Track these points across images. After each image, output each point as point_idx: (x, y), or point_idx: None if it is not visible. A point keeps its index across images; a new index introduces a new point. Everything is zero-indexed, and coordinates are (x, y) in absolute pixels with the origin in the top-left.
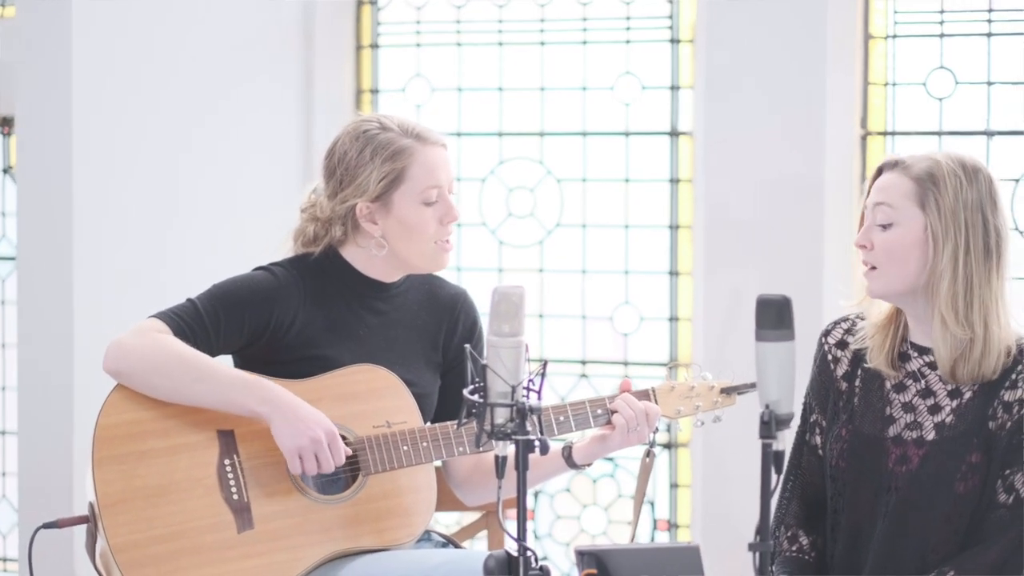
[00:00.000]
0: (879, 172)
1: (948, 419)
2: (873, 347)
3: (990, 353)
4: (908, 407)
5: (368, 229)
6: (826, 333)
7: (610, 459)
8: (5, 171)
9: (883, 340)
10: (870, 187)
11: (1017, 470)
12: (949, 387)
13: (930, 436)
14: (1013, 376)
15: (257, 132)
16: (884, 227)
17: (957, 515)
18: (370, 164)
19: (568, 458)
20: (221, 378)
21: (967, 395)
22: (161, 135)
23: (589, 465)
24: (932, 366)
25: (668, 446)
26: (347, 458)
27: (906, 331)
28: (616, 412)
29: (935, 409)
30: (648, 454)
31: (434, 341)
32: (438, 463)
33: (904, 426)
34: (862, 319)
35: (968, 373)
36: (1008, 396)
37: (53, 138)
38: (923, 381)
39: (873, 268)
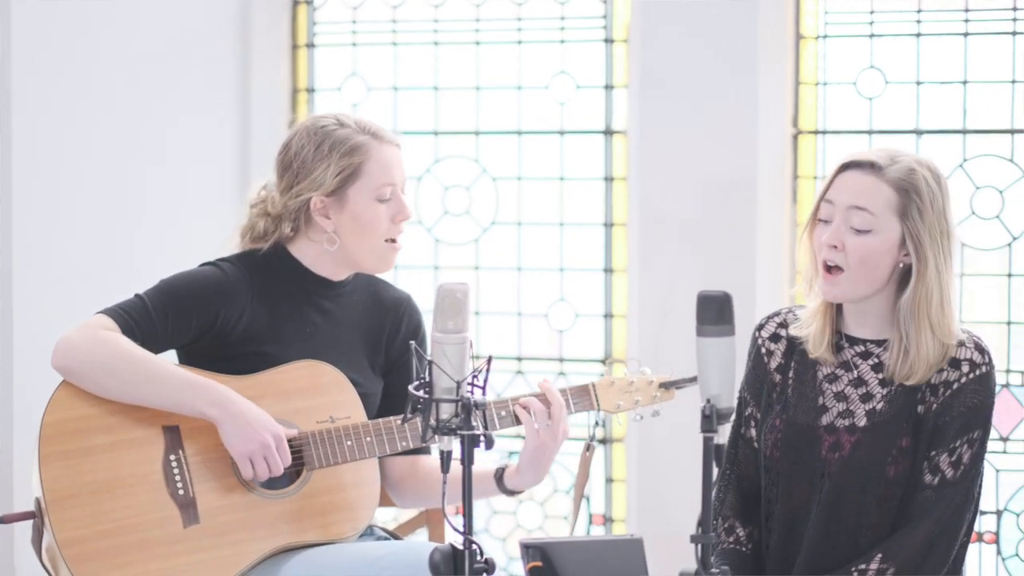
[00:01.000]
0: (845, 168)
1: (879, 406)
2: (814, 334)
3: (948, 368)
4: (840, 396)
5: (321, 223)
6: (759, 327)
7: None
8: None
9: (822, 326)
10: (832, 182)
11: (942, 451)
12: (880, 376)
13: (862, 423)
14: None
15: (195, 130)
16: (860, 232)
17: (888, 498)
18: (327, 159)
19: (500, 480)
20: (170, 379)
21: (898, 383)
22: (101, 133)
23: (522, 491)
24: (864, 356)
25: (603, 441)
26: (291, 453)
27: (839, 322)
28: (525, 412)
29: (867, 397)
30: (588, 447)
31: (377, 342)
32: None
33: (837, 414)
34: (794, 313)
35: (928, 375)
36: (934, 379)
37: None
38: (855, 371)
39: (838, 270)
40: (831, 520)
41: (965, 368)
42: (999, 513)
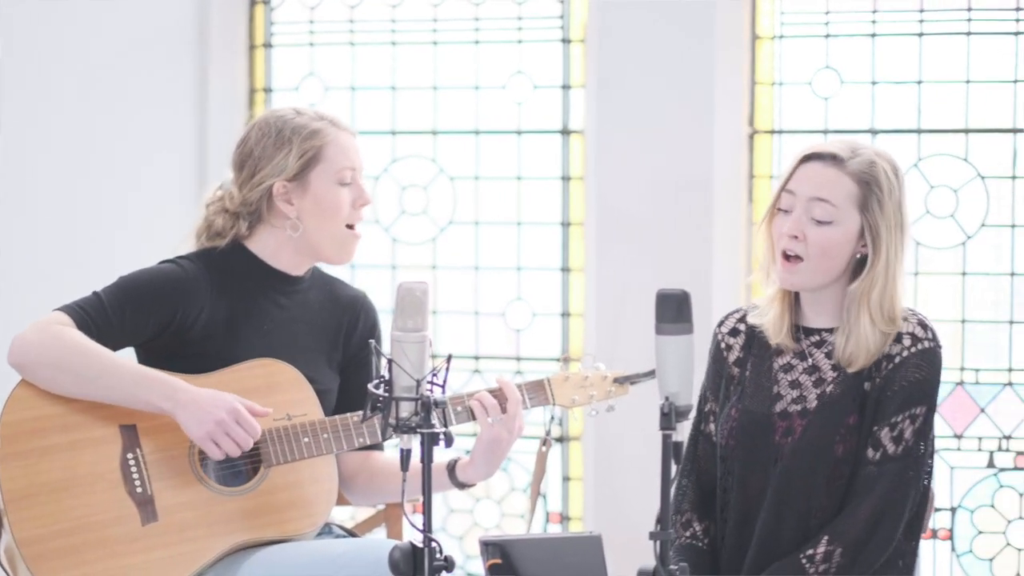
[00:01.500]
0: (807, 159)
1: (830, 388)
2: (772, 322)
3: (891, 342)
4: (795, 384)
5: (284, 210)
6: (720, 324)
7: None
8: None
9: (780, 312)
10: (794, 172)
11: (884, 425)
12: (833, 362)
13: (813, 406)
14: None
15: (153, 129)
16: (821, 223)
17: (837, 478)
18: (288, 144)
19: (452, 473)
20: (124, 374)
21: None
22: (59, 132)
23: (473, 485)
24: (818, 344)
25: (560, 440)
26: (250, 450)
27: (797, 315)
28: (478, 406)
29: (820, 382)
30: (544, 443)
31: (334, 340)
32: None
33: (790, 401)
34: (755, 306)
35: (870, 361)
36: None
37: None
38: (810, 359)
39: (797, 259)
40: (782, 503)
41: (907, 342)
42: (953, 510)
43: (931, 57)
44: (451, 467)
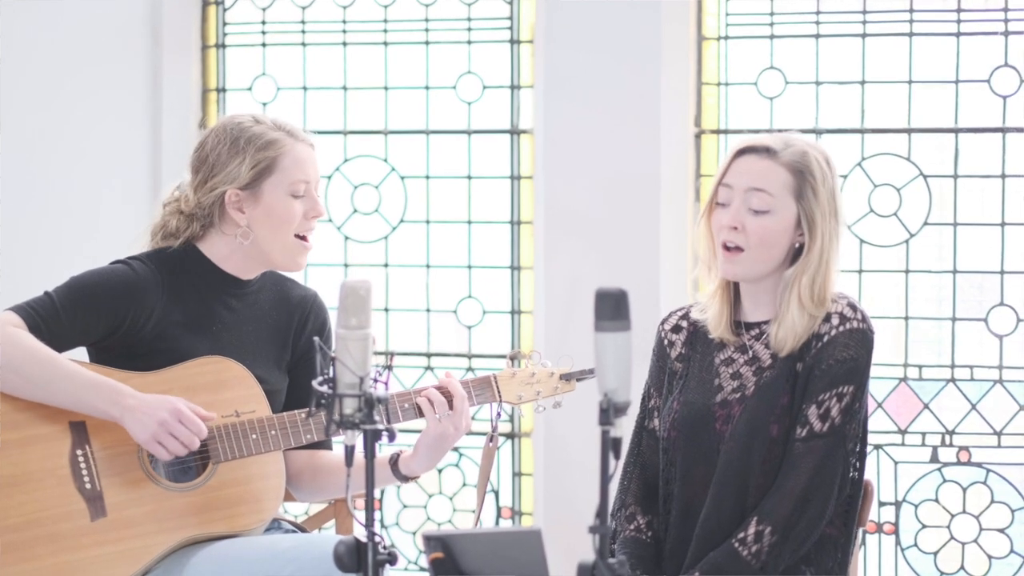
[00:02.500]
0: (741, 153)
1: (767, 373)
2: (713, 316)
3: (820, 323)
4: (736, 375)
5: (235, 217)
6: (663, 321)
7: (454, 449)
8: None
9: (720, 309)
10: (729, 166)
11: (811, 403)
12: (771, 351)
13: (751, 391)
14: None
15: (106, 129)
16: (759, 212)
17: (772, 458)
18: (243, 152)
19: (394, 467)
20: (74, 379)
21: (785, 352)
22: (10, 132)
23: (416, 478)
24: (758, 337)
25: (511, 436)
26: (199, 447)
27: (737, 310)
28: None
29: (758, 371)
30: (491, 439)
31: (284, 339)
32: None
33: (731, 391)
34: (698, 303)
35: (800, 344)
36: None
37: None
38: (750, 351)
39: (738, 250)
40: (721, 486)
41: (835, 321)
42: (898, 504)
43: (874, 58)
44: (394, 460)
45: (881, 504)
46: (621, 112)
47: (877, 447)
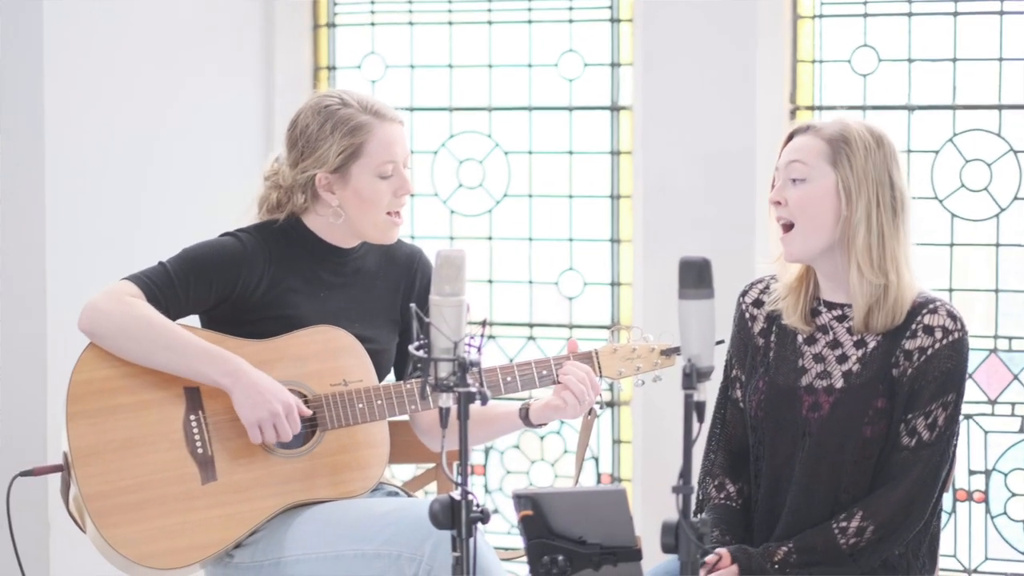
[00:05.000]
0: (790, 137)
1: (854, 367)
2: (787, 307)
3: (902, 298)
4: (818, 358)
5: (326, 199)
6: (743, 293)
7: None
8: None
9: (796, 300)
10: (780, 152)
11: (919, 414)
12: (855, 338)
13: (839, 384)
14: (913, 326)
15: (222, 106)
16: (796, 181)
17: (865, 458)
18: (330, 138)
19: (525, 417)
20: (188, 347)
21: (871, 345)
22: (129, 107)
23: (544, 424)
24: (840, 319)
25: (611, 404)
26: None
27: (816, 289)
28: (566, 388)
29: (843, 359)
30: (590, 412)
31: (393, 299)
32: (396, 419)
33: (815, 375)
34: (775, 280)
35: (882, 320)
36: (908, 345)
37: (25, 111)
38: (831, 333)
39: (790, 227)
40: (811, 477)
41: (938, 335)
42: (988, 473)
43: (965, 35)
44: (524, 412)
45: (971, 473)
46: (718, 89)
47: (967, 417)
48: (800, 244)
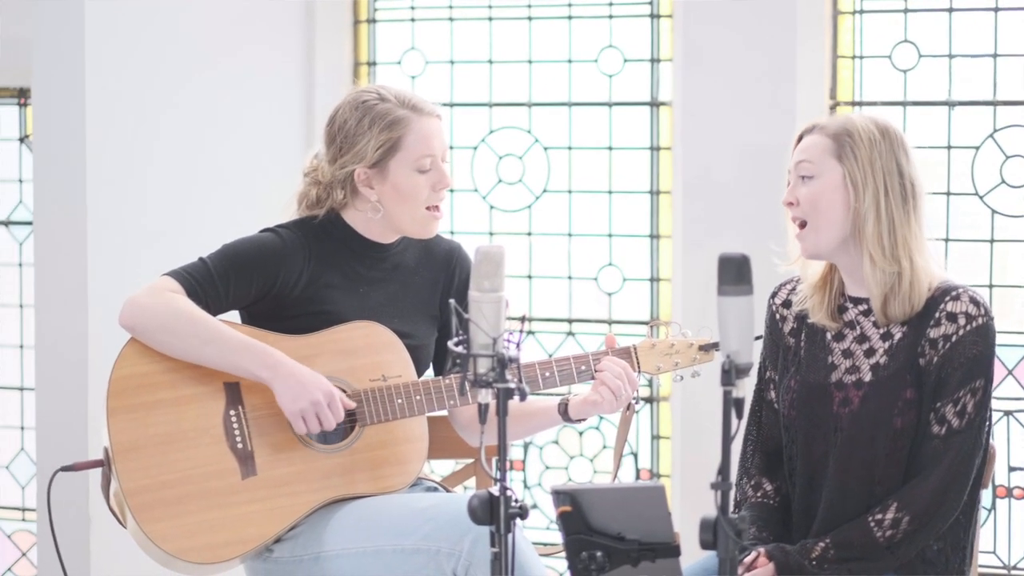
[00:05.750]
0: (799, 139)
1: (882, 360)
2: (813, 306)
3: (918, 284)
4: (847, 353)
5: (365, 194)
6: (773, 295)
7: None
8: (22, 140)
9: (821, 299)
10: (792, 154)
11: (947, 401)
12: (881, 331)
13: (867, 378)
14: (936, 315)
15: (263, 103)
16: (805, 179)
17: (897, 450)
18: (368, 132)
19: (564, 413)
20: (228, 341)
21: (897, 336)
22: (171, 103)
23: (583, 420)
24: (865, 313)
25: (650, 400)
26: (345, 410)
27: (841, 286)
28: (603, 383)
29: (870, 352)
30: (628, 407)
31: (431, 295)
32: (435, 414)
33: (844, 371)
34: (798, 288)
35: (900, 308)
36: (933, 333)
37: (67, 108)
38: (858, 328)
39: (803, 225)
40: (845, 472)
41: (962, 321)
42: None
43: (1006, 30)
44: (563, 408)
45: (1011, 470)
46: (757, 84)
47: (1007, 413)
48: (814, 239)
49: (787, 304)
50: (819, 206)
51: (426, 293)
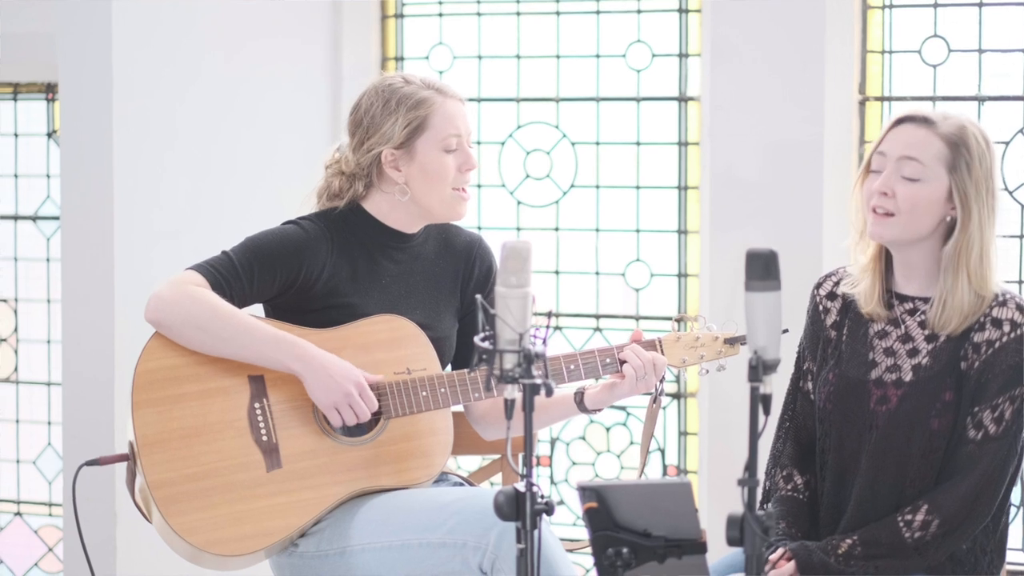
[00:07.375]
0: (899, 122)
1: (925, 361)
2: (863, 292)
3: (984, 304)
4: (889, 351)
5: (392, 176)
6: (817, 286)
7: (622, 408)
8: (50, 135)
9: (872, 282)
10: (886, 134)
11: (985, 407)
12: (927, 332)
13: (908, 377)
14: (981, 319)
15: (289, 97)
16: (909, 180)
17: (932, 451)
18: (395, 113)
19: (580, 403)
20: (255, 334)
21: (942, 338)
22: (197, 98)
23: (599, 410)
24: (911, 312)
25: (677, 396)
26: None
27: (889, 281)
28: (625, 362)
29: (913, 352)
30: (655, 400)
31: (452, 287)
32: (455, 408)
33: (885, 369)
34: (848, 272)
35: (957, 321)
36: (977, 337)
37: (94, 103)
38: (903, 327)
39: (888, 215)
40: (878, 469)
41: (1007, 328)
42: None
43: None
44: (579, 398)
45: None
46: (786, 79)
47: None
48: (898, 232)
49: (831, 296)
50: (917, 210)
51: (447, 285)
